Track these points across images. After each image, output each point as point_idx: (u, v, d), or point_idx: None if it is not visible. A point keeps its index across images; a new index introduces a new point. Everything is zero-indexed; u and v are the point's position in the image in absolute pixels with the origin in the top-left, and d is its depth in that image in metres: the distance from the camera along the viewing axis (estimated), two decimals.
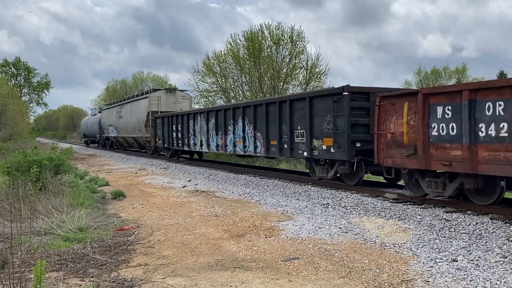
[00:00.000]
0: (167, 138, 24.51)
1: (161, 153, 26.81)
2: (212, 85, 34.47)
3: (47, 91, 64.93)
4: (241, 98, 32.62)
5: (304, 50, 31.97)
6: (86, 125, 48.45)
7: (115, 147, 39.85)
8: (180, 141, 22.70)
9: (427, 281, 4.95)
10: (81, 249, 6.30)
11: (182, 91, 30.14)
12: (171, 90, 30.07)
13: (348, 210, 9.18)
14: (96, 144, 47.25)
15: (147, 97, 28.27)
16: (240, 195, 11.66)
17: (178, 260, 5.95)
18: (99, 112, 45.00)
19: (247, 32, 32.39)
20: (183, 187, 13.42)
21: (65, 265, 5.68)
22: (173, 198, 11.43)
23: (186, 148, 22.06)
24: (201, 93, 34.79)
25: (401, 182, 11.38)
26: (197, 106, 35.30)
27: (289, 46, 31.74)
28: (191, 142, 21.19)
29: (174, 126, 23.42)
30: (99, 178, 15.04)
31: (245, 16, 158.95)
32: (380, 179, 12.63)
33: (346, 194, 10.87)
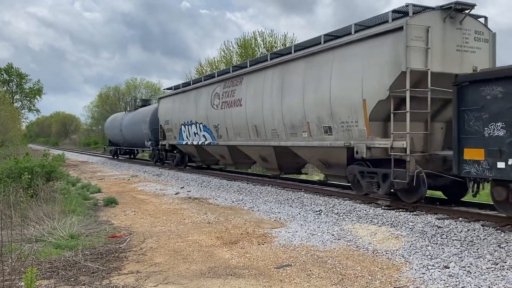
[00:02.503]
0: None
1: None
2: None
3: (39, 97, 64.61)
4: None
5: None
6: (116, 126, 32.43)
7: (204, 166, 21.37)
8: None
9: None
10: (72, 257, 6.25)
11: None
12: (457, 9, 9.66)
13: (341, 217, 9.19)
14: (138, 156, 34.96)
15: (399, 28, 9.31)
16: (233, 202, 11.64)
17: (170, 268, 5.92)
18: (142, 105, 30.16)
19: (240, 39, 32.53)
20: (175, 194, 13.38)
21: (56, 272, 5.63)
22: (165, 205, 11.38)
23: None
24: None
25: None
26: None
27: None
28: None
29: None
30: (91, 185, 14.96)
31: (235, 22, 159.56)
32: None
33: (339, 201, 10.89)
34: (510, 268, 5.52)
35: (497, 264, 5.70)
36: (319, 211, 9.93)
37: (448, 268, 5.61)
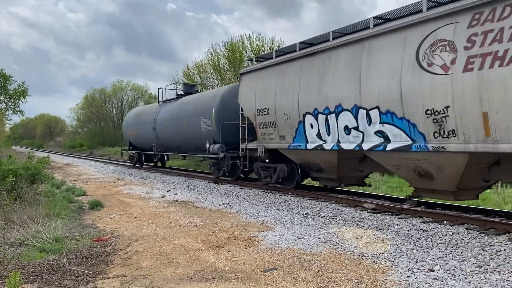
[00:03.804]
0: None
1: None
2: None
3: (24, 99, 63.77)
4: None
5: None
6: (143, 123, 23.64)
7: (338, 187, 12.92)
8: None
9: None
10: (56, 260, 6.18)
11: None
12: None
13: (327, 220, 9.23)
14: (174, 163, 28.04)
15: None
16: (219, 205, 11.61)
17: (156, 271, 5.88)
18: (187, 93, 21.51)
19: (227, 42, 32.54)
20: (162, 197, 13.31)
21: (40, 276, 5.56)
22: (151, 208, 11.31)
23: None
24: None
25: None
26: None
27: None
28: None
29: None
30: (76, 188, 14.81)
31: (221, 24, 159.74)
32: None
33: (325, 204, 10.93)
34: (493, 271, 5.59)
35: (481, 267, 5.77)
36: (305, 214, 9.96)
37: (433, 271, 5.66)
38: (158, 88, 24.43)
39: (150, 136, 22.67)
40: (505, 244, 6.83)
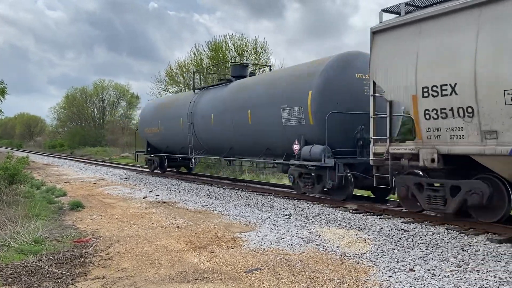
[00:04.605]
0: None
1: None
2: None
3: (3, 97, 62.68)
4: None
5: (268, 62, 32.26)
6: (172, 118, 18.54)
7: None
8: None
9: None
10: (36, 262, 6.08)
11: None
12: None
13: (310, 221, 9.27)
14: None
15: None
16: (202, 206, 11.57)
17: (138, 273, 5.83)
18: (239, 76, 15.96)
19: (210, 42, 32.46)
20: (144, 198, 13.20)
21: (18, 278, 5.46)
22: (133, 209, 11.22)
23: None
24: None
25: None
26: None
27: (253, 57, 31.97)
28: None
29: None
30: (56, 188, 14.60)
31: (204, 24, 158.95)
32: None
33: (308, 205, 10.97)
34: (472, 270, 5.68)
35: (461, 266, 5.85)
36: (288, 214, 9.98)
37: (414, 271, 5.72)
38: (194, 71, 20.99)
39: (183, 135, 17.26)
40: (483, 244, 6.95)
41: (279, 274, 5.69)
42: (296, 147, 11.66)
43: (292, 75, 12.35)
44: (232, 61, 31.74)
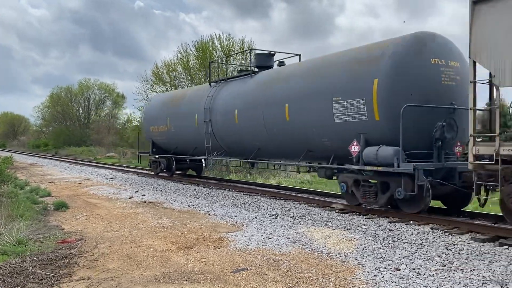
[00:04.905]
0: None
1: None
2: None
3: None
4: None
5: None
6: (185, 116, 16.19)
7: None
8: None
9: None
10: (19, 263, 6.00)
11: None
12: None
13: (297, 221, 9.29)
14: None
15: None
16: (189, 206, 11.53)
17: (124, 273, 5.79)
18: (264, 66, 13.95)
19: (197, 42, 32.39)
20: (129, 198, 13.11)
21: (1, 280, 5.39)
22: (118, 209, 11.13)
23: None
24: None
25: None
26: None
27: (240, 57, 31.96)
28: None
29: None
30: (40, 189, 14.42)
31: (190, 23, 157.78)
32: None
33: (294, 205, 11.00)
34: (456, 269, 5.74)
35: (445, 265, 5.92)
36: (275, 214, 9.99)
37: (399, 270, 5.77)
38: (210, 62, 17.40)
39: (198, 134, 15.30)
40: (467, 243, 7.04)
41: (266, 274, 5.69)
42: (355, 148, 9.58)
43: (348, 61, 10.15)
44: (219, 61, 31.71)
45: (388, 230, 8.10)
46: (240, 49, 31.68)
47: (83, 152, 46.98)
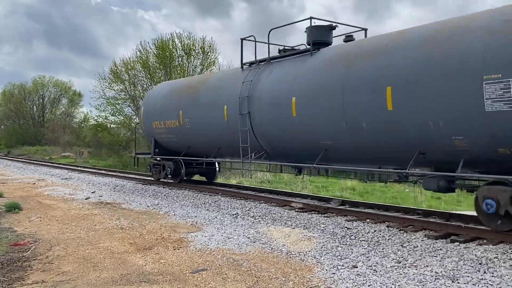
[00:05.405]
0: None
1: None
2: (120, 93, 33.46)
3: None
4: None
5: (216, 61, 32.20)
6: (199, 106, 13.01)
7: None
8: None
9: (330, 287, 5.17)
10: None
11: None
12: None
13: (257, 220, 9.33)
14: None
15: None
16: (148, 206, 11.36)
17: (80, 276, 5.64)
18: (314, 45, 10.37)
19: (157, 40, 31.97)
20: (86, 199, 12.79)
21: None
22: (74, 210, 10.84)
23: None
24: (108, 101, 33.59)
25: None
26: (103, 114, 33.55)
27: (201, 56, 31.81)
28: None
29: None
30: None
31: (149, 21, 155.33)
32: None
33: (255, 204, 11.04)
34: (411, 265, 5.93)
35: (400, 262, 6.09)
36: (235, 214, 10.00)
37: (356, 267, 5.90)
38: (242, 39, 12.35)
39: (228, 130, 12.07)
40: (421, 240, 7.27)
41: (226, 274, 5.69)
42: None
43: (497, 18, 6.80)
44: (179, 60, 31.38)
45: (346, 228, 8.26)
46: (201, 48, 31.51)
47: (38, 152, 45.50)
